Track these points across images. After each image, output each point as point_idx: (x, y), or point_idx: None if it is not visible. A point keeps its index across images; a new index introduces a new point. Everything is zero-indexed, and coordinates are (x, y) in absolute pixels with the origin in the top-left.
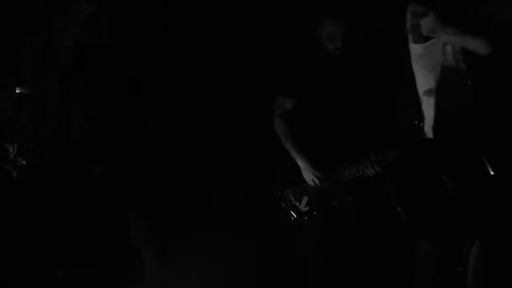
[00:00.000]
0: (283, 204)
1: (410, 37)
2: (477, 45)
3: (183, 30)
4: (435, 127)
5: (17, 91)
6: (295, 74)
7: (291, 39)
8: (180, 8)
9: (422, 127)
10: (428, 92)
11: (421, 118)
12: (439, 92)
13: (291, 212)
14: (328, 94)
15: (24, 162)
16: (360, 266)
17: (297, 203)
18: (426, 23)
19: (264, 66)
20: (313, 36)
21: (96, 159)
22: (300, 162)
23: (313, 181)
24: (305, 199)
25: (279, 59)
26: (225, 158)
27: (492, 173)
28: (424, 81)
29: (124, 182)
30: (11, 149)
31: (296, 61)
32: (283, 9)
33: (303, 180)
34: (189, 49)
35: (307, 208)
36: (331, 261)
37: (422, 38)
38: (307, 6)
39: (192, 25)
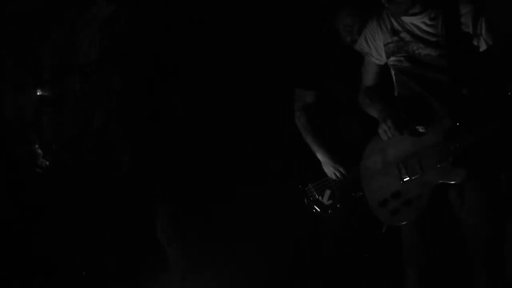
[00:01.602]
0: (305, 199)
1: None
2: None
3: (196, 26)
4: None
5: (37, 93)
6: (315, 66)
7: (308, 32)
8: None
9: None
10: None
11: None
12: None
13: (315, 206)
14: (347, 87)
15: (47, 163)
16: (382, 258)
17: (320, 197)
18: None
19: (282, 60)
20: (331, 28)
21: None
22: (321, 156)
23: (335, 174)
24: (327, 193)
25: (297, 53)
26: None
27: None
28: None
29: (152, 174)
30: (40, 153)
31: (315, 54)
32: (301, 1)
33: (324, 174)
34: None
35: (330, 202)
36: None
37: None
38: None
39: (207, 19)
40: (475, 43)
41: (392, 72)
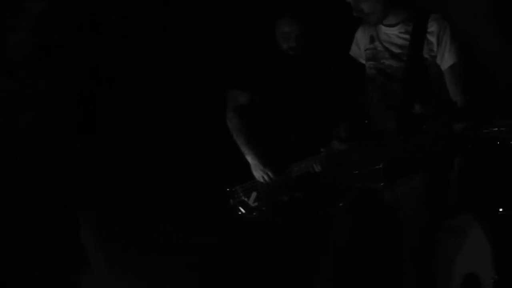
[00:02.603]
0: (231, 200)
1: None
2: None
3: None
4: None
5: None
6: (251, 68)
7: (248, 34)
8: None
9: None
10: None
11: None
12: None
13: (240, 207)
14: (281, 91)
15: None
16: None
17: (246, 199)
18: None
19: (219, 60)
20: (269, 33)
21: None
22: (250, 159)
23: (263, 178)
24: (254, 195)
25: (235, 54)
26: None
27: None
28: None
29: (76, 178)
30: None
31: (253, 56)
32: (242, 5)
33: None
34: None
35: (256, 204)
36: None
37: None
38: (266, 3)
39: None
40: (438, 60)
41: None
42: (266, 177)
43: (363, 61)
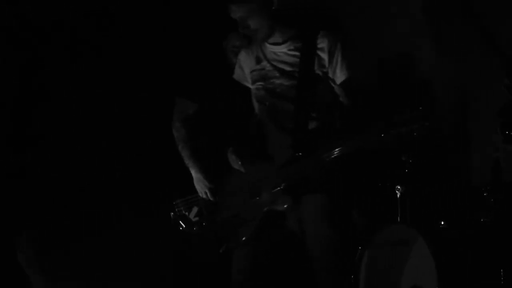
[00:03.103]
0: (171, 213)
1: None
2: None
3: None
4: None
5: None
6: (200, 79)
7: (199, 45)
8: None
9: None
10: None
11: None
12: None
13: (180, 221)
14: (228, 104)
15: None
16: None
17: (187, 213)
18: None
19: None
20: (220, 46)
21: None
22: (194, 173)
23: (205, 193)
24: (195, 209)
25: (185, 64)
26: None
27: None
28: None
29: (15, 200)
30: None
31: (203, 67)
32: (193, 18)
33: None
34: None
35: (196, 219)
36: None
37: None
38: (218, 17)
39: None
40: (330, 76)
41: (253, 101)
42: (208, 193)
43: (248, 84)
